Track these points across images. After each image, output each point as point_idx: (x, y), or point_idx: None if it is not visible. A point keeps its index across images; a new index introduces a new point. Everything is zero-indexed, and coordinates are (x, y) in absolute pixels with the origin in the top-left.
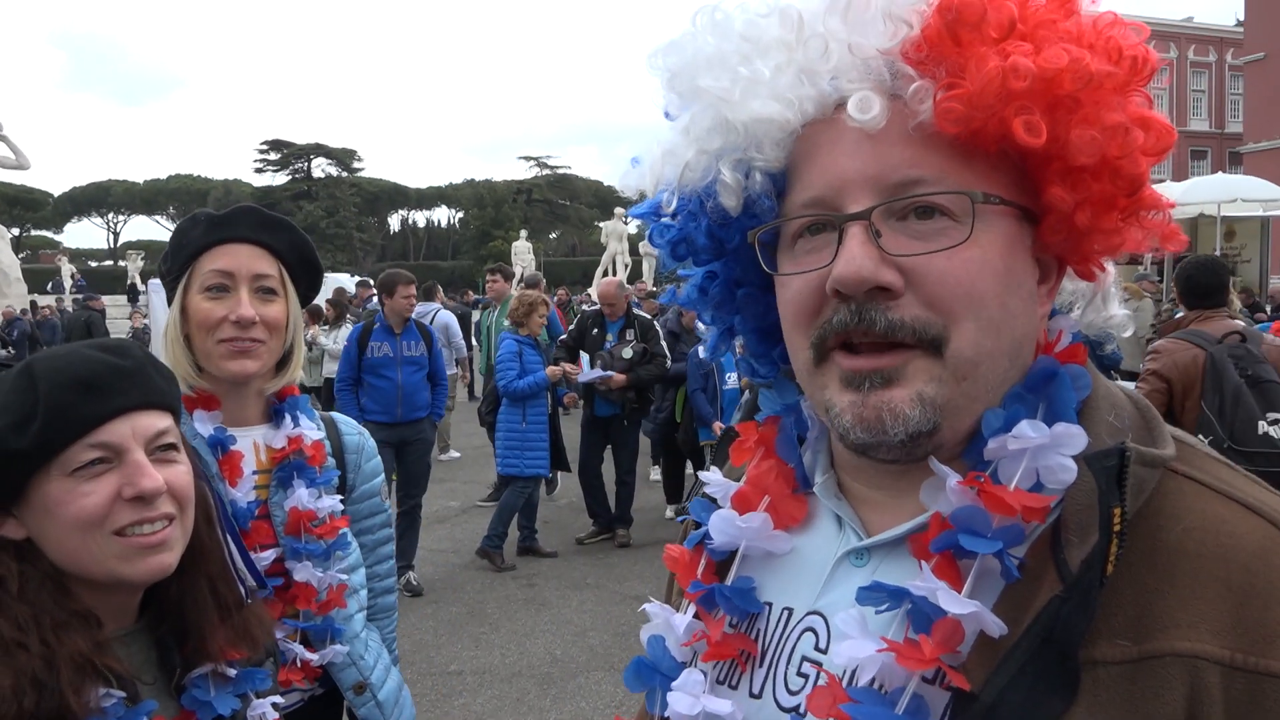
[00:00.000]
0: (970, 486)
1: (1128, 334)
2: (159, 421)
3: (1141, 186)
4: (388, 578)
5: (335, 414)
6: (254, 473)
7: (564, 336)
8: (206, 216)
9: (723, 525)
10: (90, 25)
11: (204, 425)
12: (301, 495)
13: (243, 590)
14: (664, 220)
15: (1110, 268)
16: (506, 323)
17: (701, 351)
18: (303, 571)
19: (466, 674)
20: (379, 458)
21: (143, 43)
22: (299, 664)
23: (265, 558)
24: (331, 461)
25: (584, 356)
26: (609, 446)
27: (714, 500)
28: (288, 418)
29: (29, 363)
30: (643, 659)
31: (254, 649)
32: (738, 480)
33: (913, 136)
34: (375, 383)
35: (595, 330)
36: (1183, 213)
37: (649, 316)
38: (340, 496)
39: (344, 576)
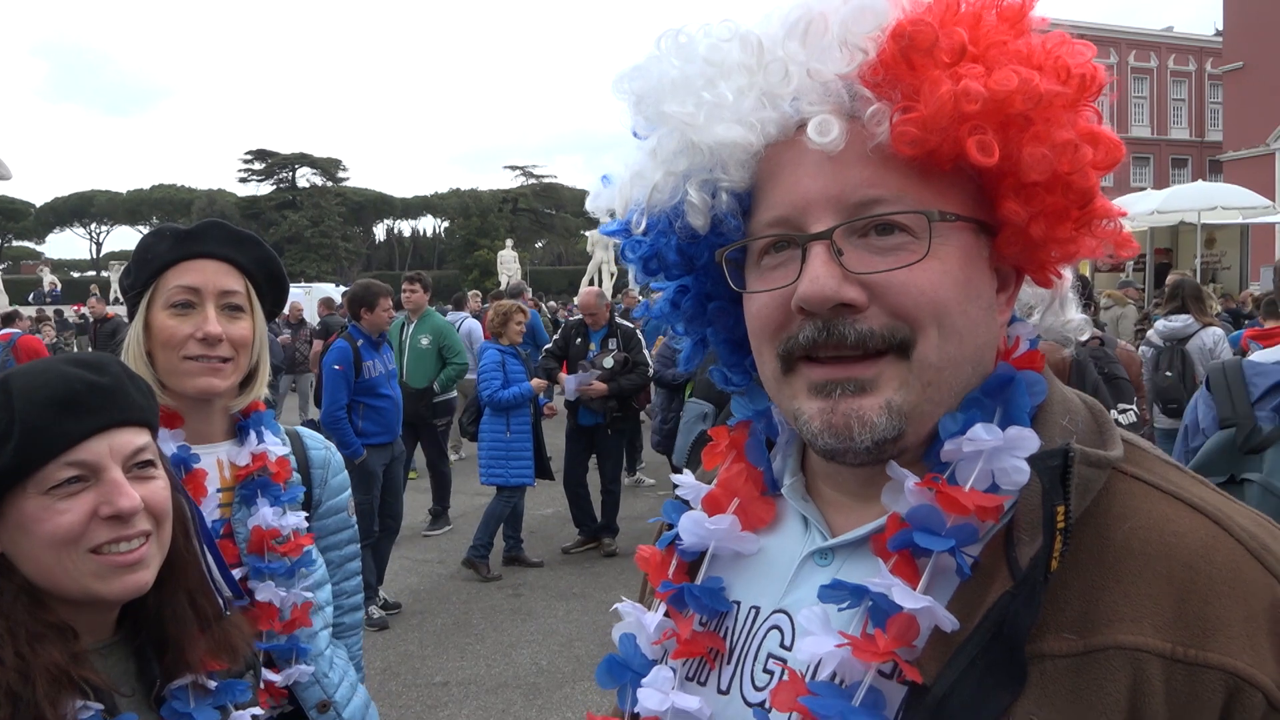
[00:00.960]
0: (927, 487)
1: (1085, 337)
2: (136, 438)
3: (1093, 199)
4: (355, 594)
5: (301, 428)
6: (218, 490)
7: (549, 345)
8: (172, 231)
9: (692, 527)
10: (73, 36)
11: (167, 443)
12: (265, 514)
13: (221, 602)
14: (635, 237)
15: (1067, 274)
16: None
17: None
18: (265, 591)
19: (452, 685)
20: (345, 473)
21: (126, 53)
22: (262, 685)
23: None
24: (297, 477)
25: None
26: (593, 456)
27: (686, 502)
28: (252, 434)
29: (5, 379)
30: (614, 656)
31: (234, 659)
32: (709, 483)
33: (871, 157)
34: (375, 403)
35: (579, 340)
36: (1164, 220)
37: (631, 325)
38: (305, 513)
39: (309, 594)
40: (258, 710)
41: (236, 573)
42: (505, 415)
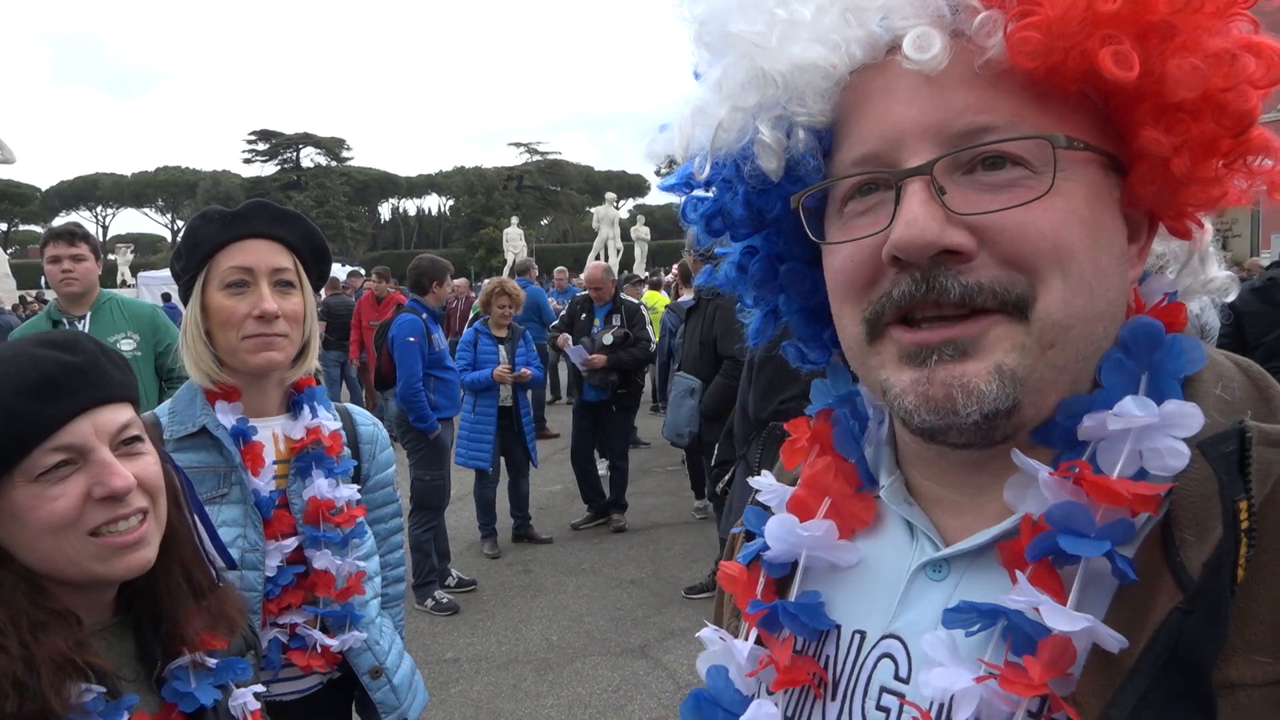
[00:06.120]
0: (1064, 477)
1: (1230, 298)
2: (120, 415)
3: (1250, 125)
4: (398, 567)
5: (350, 405)
6: (274, 462)
7: (554, 323)
8: (219, 213)
9: (782, 533)
10: (74, 17)
11: (226, 416)
12: (320, 485)
13: (214, 572)
14: (696, 194)
15: (1208, 224)
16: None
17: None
18: (322, 559)
19: (463, 661)
20: (391, 450)
21: (128, 34)
22: (319, 649)
23: (286, 546)
24: (348, 452)
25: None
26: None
27: (767, 508)
28: (306, 409)
29: None
30: (702, 692)
31: (231, 630)
32: (791, 484)
33: (979, 77)
34: (444, 376)
35: (584, 315)
36: None
37: (635, 301)
38: (356, 486)
39: (362, 564)
40: (259, 688)
41: (292, 541)
42: (474, 396)
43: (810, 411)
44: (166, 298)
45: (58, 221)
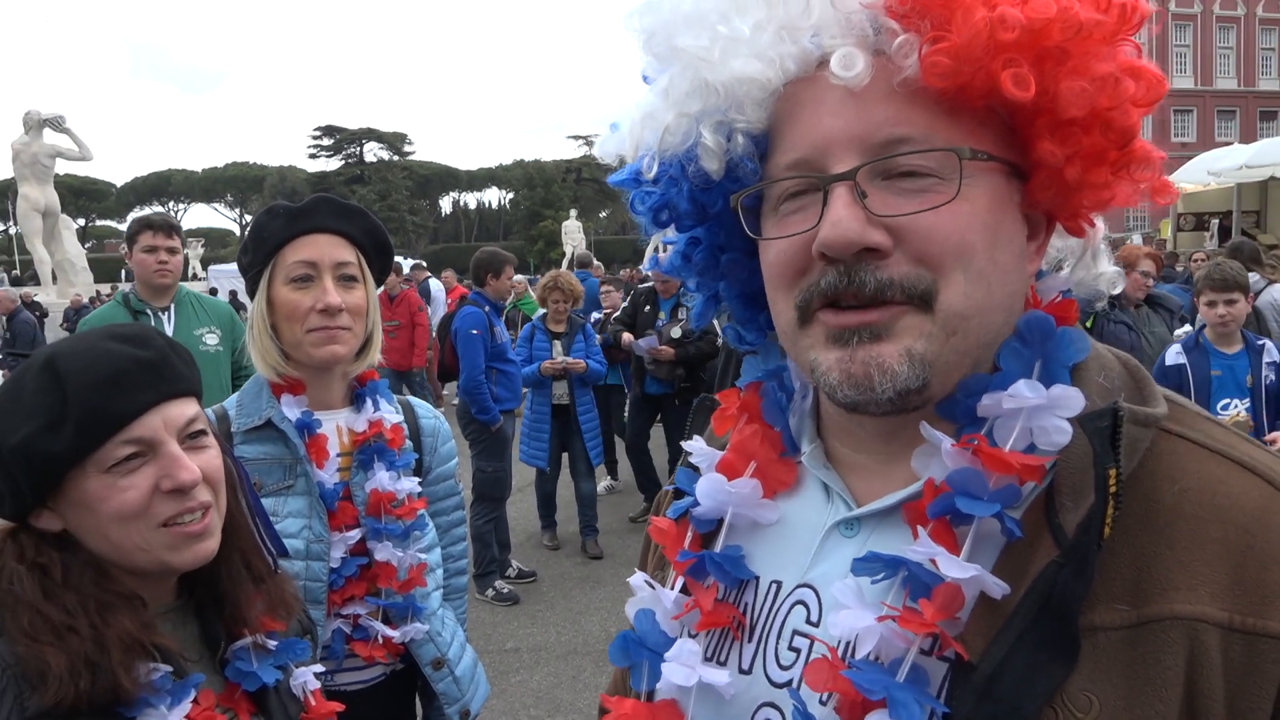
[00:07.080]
0: (965, 448)
1: (1117, 291)
2: (187, 409)
3: (1132, 139)
4: (460, 559)
5: (412, 398)
6: (337, 455)
7: (616, 315)
8: (285, 209)
9: (711, 490)
10: (147, 19)
11: (291, 409)
12: (382, 478)
13: (271, 559)
14: (645, 187)
15: (1100, 224)
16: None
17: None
18: (383, 551)
19: (523, 651)
20: (453, 442)
21: (196, 33)
22: (381, 640)
23: (350, 537)
24: (409, 445)
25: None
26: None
27: (696, 469)
28: (368, 402)
29: (51, 360)
30: (629, 633)
31: (289, 614)
32: (721, 449)
33: (897, 93)
34: (506, 369)
35: (648, 308)
36: (1253, 175)
37: None
38: (417, 479)
39: (423, 556)
40: (318, 667)
41: (355, 533)
42: (532, 393)
43: (741, 384)
44: (214, 292)
45: (132, 217)
